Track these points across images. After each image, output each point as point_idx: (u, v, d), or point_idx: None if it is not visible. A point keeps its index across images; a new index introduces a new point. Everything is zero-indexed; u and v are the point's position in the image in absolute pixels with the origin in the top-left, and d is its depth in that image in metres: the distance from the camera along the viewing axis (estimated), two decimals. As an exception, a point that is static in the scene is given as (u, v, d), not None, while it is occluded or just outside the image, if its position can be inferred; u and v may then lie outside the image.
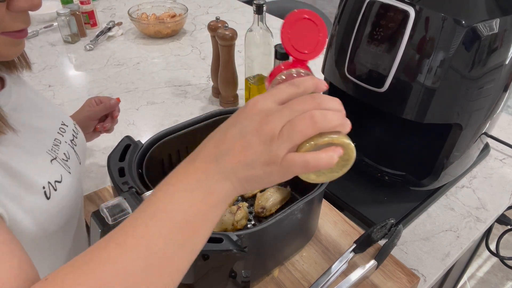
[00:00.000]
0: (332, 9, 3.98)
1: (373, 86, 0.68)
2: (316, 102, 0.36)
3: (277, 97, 0.37)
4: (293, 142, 0.35)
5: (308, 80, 0.39)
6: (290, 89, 0.38)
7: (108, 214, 0.49)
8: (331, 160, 0.36)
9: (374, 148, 0.90)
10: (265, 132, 0.35)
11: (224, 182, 0.36)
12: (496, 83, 0.66)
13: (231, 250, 0.50)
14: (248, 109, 0.37)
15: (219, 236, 0.52)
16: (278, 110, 0.36)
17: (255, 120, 0.36)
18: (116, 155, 0.63)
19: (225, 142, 0.37)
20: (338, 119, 0.37)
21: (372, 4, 0.64)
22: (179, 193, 0.36)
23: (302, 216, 0.64)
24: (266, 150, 0.35)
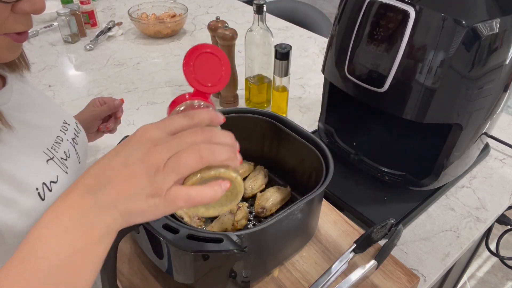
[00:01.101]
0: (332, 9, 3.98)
1: (373, 86, 0.68)
2: (207, 136, 0.35)
3: (168, 127, 0.36)
4: (179, 175, 0.34)
5: (203, 113, 0.38)
6: (183, 120, 0.37)
7: None
8: (215, 194, 0.35)
9: (374, 148, 0.90)
10: (150, 162, 0.33)
11: (103, 216, 0.34)
12: (496, 83, 0.66)
13: (231, 250, 0.50)
14: (136, 136, 0.35)
15: (219, 236, 0.52)
16: (167, 141, 0.34)
17: (142, 149, 0.34)
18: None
19: (106, 171, 0.34)
20: (226, 153, 0.36)
21: (372, 4, 0.64)
22: (53, 233, 0.33)
23: (302, 216, 0.64)
24: (151, 181, 0.33)
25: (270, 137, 0.78)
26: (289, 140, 0.74)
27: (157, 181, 0.33)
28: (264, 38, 1.00)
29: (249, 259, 0.56)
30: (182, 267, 0.54)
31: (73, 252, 0.33)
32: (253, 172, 0.81)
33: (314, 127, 0.99)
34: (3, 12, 0.43)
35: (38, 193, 0.51)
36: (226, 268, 0.55)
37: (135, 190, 0.33)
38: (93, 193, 0.34)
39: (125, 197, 0.34)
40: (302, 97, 1.19)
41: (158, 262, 0.59)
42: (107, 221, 0.34)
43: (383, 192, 0.84)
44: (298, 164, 0.76)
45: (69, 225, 0.33)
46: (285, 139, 0.75)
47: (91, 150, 0.97)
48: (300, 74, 1.30)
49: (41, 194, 0.51)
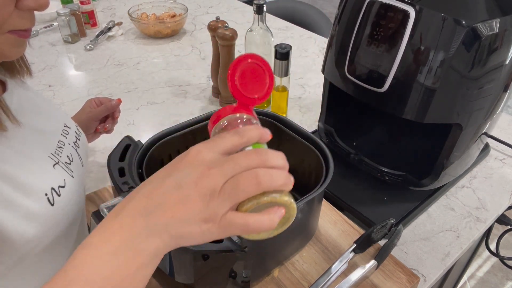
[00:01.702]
0: (332, 9, 3.98)
1: (373, 86, 0.68)
2: (262, 159, 0.34)
3: (221, 147, 0.35)
4: (235, 201, 0.33)
5: (253, 131, 0.37)
6: (233, 139, 0.36)
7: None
8: (272, 223, 0.34)
9: (374, 148, 0.90)
10: (205, 187, 0.33)
11: (153, 239, 0.33)
12: (496, 83, 0.66)
13: (231, 250, 0.50)
14: (189, 158, 0.34)
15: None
16: (221, 164, 0.33)
17: (196, 171, 0.33)
18: (116, 155, 0.63)
19: (158, 193, 0.33)
20: (282, 179, 0.35)
21: (372, 4, 0.64)
22: (101, 257, 0.32)
23: (302, 216, 0.64)
24: (205, 206, 0.33)
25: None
26: (289, 140, 0.74)
27: (212, 207, 0.33)
28: (264, 38, 1.00)
29: (249, 259, 0.56)
30: (182, 267, 0.54)
31: (123, 277, 0.32)
32: None
33: (314, 127, 0.99)
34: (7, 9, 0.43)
35: (47, 198, 0.51)
36: (226, 268, 0.55)
37: (188, 214, 0.33)
38: (144, 215, 0.33)
39: (177, 221, 0.33)
40: (302, 97, 1.19)
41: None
42: (157, 244, 0.33)
43: (383, 192, 0.84)
44: (298, 164, 0.76)
45: (120, 247, 0.32)
46: (285, 139, 0.75)
47: (90, 150, 0.97)
48: (300, 74, 1.30)
49: (50, 199, 0.51)
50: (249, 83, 0.42)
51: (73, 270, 0.32)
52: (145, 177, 0.63)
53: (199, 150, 0.35)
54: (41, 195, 0.50)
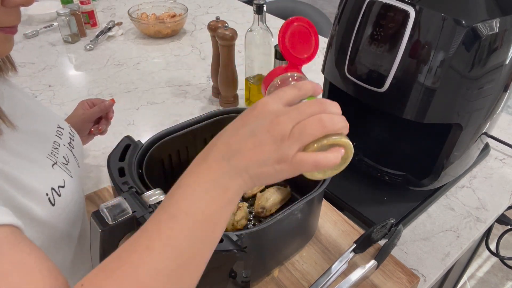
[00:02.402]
0: (332, 9, 3.98)
1: (373, 86, 0.68)
2: (322, 107, 0.39)
3: (284, 99, 0.40)
4: (303, 143, 0.38)
5: (308, 84, 0.42)
6: (293, 91, 0.41)
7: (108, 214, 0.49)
8: (337, 159, 0.40)
9: (374, 148, 0.90)
10: (276, 132, 0.37)
11: (236, 179, 0.38)
12: (496, 83, 0.66)
13: (231, 250, 0.50)
14: (258, 109, 0.39)
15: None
16: (287, 112, 0.38)
17: (266, 120, 0.38)
18: (116, 155, 0.62)
19: (236, 141, 0.39)
20: (342, 122, 0.40)
21: (372, 4, 0.64)
22: (197, 194, 0.38)
23: (302, 216, 0.64)
24: (278, 149, 0.37)
25: None
26: None
27: (284, 148, 0.37)
28: (264, 38, 1.00)
29: (249, 259, 0.56)
30: None
31: (214, 210, 0.38)
32: None
33: (314, 127, 0.99)
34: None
35: (48, 198, 0.51)
36: (226, 268, 0.55)
37: (264, 156, 0.38)
38: (226, 159, 0.38)
39: (255, 163, 0.38)
40: (302, 97, 1.19)
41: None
42: (240, 183, 0.39)
43: (383, 192, 0.84)
44: None
45: (209, 187, 0.38)
46: None
47: (89, 150, 0.97)
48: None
49: (51, 199, 0.51)
50: (297, 44, 0.46)
51: (174, 205, 0.38)
52: (144, 177, 0.63)
53: (266, 102, 0.39)
54: (42, 196, 0.50)
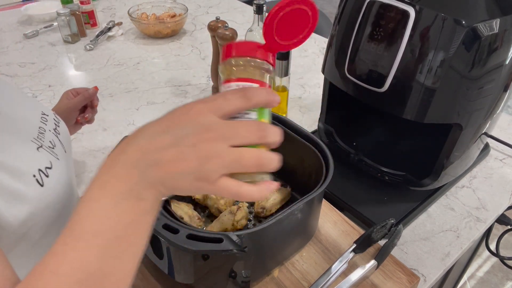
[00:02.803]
0: (332, 9, 3.98)
1: (373, 86, 0.68)
2: (262, 135, 0.35)
3: (224, 111, 0.35)
4: (233, 171, 0.34)
5: (261, 95, 0.36)
6: (239, 103, 0.35)
7: None
8: (261, 195, 0.36)
9: (374, 148, 0.90)
10: (203, 150, 0.33)
11: (149, 190, 0.34)
12: (496, 83, 0.66)
13: (231, 250, 0.50)
14: (189, 117, 0.34)
15: (219, 236, 0.52)
16: (222, 130, 0.34)
17: (194, 132, 0.33)
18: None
19: (154, 149, 0.34)
20: (277, 163, 0.36)
21: (372, 4, 0.64)
22: (104, 210, 0.34)
23: (302, 216, 0.64)
24: (201, 168, 0.33)
25: None
26: (289, 140, 0.74)
27: (208, 170, 0.33)
28: (264, 38, 1.00)
29: (249, 259, 0.56)
30: (182, 267, 0.54)
31: (126, 224, 0.35)
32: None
33: (314, 127, 0.99)
34: None
35: (36, 179, 0.51)
36: (226, 268, 0.55)
37: (184, 171, 0.34)
38: (139, 169, 0.34)
39: (171, 176, 0.34)
40: (302, 97, 1.19)
41: (158, 262, 0.59)
42: (155, 194, 0.35)
43: (383, 192, 0.84)
44: (298, 164, 0.76)
45: (120, 199, 0.34)
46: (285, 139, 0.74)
47: (89, 150, 0.97)
48: (300, 74, 1.30)
49: (39, 180, 0.51)
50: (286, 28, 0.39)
51: (79, 224, 0.34)
52: None
53: (201, 111, 0.34)
54: (29, 177, 0.50)
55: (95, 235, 0.34)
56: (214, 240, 0.51)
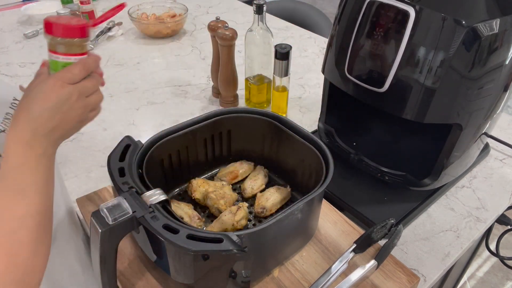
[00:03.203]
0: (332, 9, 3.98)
1: (373, 86, 0.68)
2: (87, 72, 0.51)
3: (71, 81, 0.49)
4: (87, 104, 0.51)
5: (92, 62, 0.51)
6: (81, 72, 0.50)
7: (108, 214, 0.49)
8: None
9: (374, 148, 0.90)
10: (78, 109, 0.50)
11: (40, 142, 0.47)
12: (496, 83, 0.66)
13: (231, 250, 0.50)
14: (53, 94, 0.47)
15: (219, 236, 0.52)
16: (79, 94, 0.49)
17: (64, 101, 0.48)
18: (116, 155, 0.62)
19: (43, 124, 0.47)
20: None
21: (372, 4, 0.64)
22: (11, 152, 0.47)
23: (302, 216, 0.64)
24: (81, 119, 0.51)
25: (270, 137, 0.78)
26: (289, 140, 0.74)
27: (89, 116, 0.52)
28: (264, 38, 1.00)
29: (249, 259, 0.56)
30: (182, 267, 0.54)
31: (25, 159, 0.47)
32: (253, 172, 0.82)
33: (314, 127, 0.99)
34: None
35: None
36: (226, 268, 0.55)
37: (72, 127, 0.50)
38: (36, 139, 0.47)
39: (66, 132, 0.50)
40: (302, 97, 1.19)
41: (158, 262, 0.59)
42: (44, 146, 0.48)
43: (383, 192, 0.84)
44: (298, 164, 0.76)
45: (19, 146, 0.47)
46: (285, 139, 0.75)
47: (89, 150, 0.97)
48: (300, 74, 1.30)
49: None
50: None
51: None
52: (145, 178, 0.63)
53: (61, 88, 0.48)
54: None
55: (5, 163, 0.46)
56: (214, 240, 0.51)
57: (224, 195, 0.74)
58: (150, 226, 0.52)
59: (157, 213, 0.53)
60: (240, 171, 0.81)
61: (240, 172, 0.81)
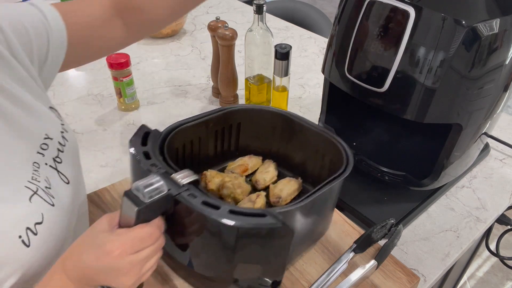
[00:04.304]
0: (332, 9, 3.98)
1: (373, 86, 0.68)
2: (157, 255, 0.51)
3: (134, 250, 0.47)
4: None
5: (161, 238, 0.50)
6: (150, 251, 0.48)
7: (143, 192, 0.46)
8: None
9: (374, 148, 0.90)
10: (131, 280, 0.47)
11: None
12: (496, 83, 0.66)
13: (277, 223, 0.48)
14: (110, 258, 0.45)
15: (261, 212, 0.50)
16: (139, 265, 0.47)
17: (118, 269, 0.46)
18: (137, 140, 0.61)
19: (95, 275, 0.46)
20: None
21: (372, 4, 0.64)
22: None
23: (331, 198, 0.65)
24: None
25: (281, 129, 0.79)
26: (303, 132, 0.74)
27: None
28: (264, 38, 1.00)
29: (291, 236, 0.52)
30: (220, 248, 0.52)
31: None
32: (262, 165, 0.82)
33: (314, 127, 0.99)
34: None
35: (22, 241, 0.47)
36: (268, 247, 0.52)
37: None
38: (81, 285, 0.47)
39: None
40: (302, 97, 1.19)
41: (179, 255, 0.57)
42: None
43: (383, 192, 0.84)
44: (310, 156, 0.76)
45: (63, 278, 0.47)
46: (298, 131, 0.76)
47: (90, 150, 0.97)
48: (300, 74, 1.30)
49: (25, 241, 0.47)
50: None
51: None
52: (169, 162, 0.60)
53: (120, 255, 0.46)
54: (14, 240, 0.47)
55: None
56: (257, 215, 0.49)
57: (240, 185, 0.74)
58: (189, 202, 0.49)
59: (193, 191, 0.51)
60: (250, 165, 0.81)
61: (250, 166, 0.81)
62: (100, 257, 0.45)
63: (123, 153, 0.96)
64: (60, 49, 0.60)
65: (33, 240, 0.48)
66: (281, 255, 0.54)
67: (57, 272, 0.46)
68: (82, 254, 0.46)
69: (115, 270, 0.46)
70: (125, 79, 1.07)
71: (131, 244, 0.46)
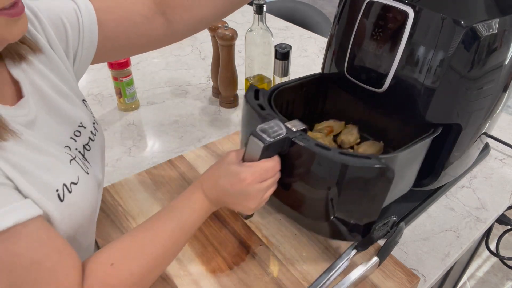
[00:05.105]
0: (332, 9, 3.98)
1: (372, 87, 0.68)
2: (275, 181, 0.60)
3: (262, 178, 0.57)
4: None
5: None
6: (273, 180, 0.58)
7: (268, 132, 0.55)
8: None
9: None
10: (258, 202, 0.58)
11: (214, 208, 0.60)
12: (496, 83, 0.66)
13: (384, 164, 0.54)
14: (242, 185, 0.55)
15: (367, 155, 0.56)
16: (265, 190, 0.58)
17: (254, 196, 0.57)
18: (251, 95, 0.68)
19: (225, 199, 0.58)
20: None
21: (372, 4, 0.64)
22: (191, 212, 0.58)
23: (423, 152, 0.68)
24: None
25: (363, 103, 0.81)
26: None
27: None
28: (264, 38, 1.00)
29: (391, 178, 0.58)
30: (331, 186, 0.58)
31: (201, 207, 0.58)
32: (346, 128, 0.85)
33: (314, 127, 0.99)
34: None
35: (57, 194, 0.50)
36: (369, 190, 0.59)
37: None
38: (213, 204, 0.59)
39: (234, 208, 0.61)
40: (302, 97, 1.19)
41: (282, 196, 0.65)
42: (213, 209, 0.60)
43: (383, 192, 0.84)
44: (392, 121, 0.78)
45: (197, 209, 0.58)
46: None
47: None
48: (300, 74, 1.29)
49: (61, 195, 0.51)
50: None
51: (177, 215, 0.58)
52: (277, 113, 0.66)
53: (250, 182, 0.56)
54: (52, 192, 0.50)
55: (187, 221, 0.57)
56: (363, 157, 0.55)
57: (330, 142, 0.81)
58: (306, 143, 0.56)
59: (305, 136, 0.58)
60: (334, 127, 0.85)
61: (334, 128, 0.85)
62: (234, 183, 0.55)
63: (123, 153, 0.96)
64: (90, 47, 0.62)
65: (67, 197, 0.52)
66: (380, 196, 0.61)
67: (197, 190, 0.58)
68: (219, 179, 0.57)
69: (245, 194, 0.56)
70: (125, 79, 1.07)
71: (259, 174, 0.55)
